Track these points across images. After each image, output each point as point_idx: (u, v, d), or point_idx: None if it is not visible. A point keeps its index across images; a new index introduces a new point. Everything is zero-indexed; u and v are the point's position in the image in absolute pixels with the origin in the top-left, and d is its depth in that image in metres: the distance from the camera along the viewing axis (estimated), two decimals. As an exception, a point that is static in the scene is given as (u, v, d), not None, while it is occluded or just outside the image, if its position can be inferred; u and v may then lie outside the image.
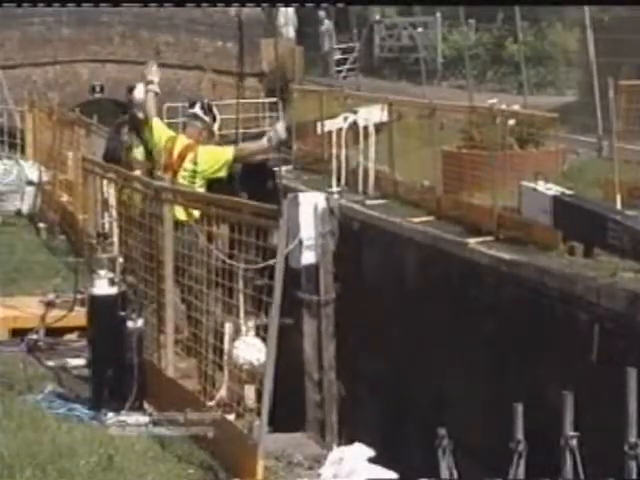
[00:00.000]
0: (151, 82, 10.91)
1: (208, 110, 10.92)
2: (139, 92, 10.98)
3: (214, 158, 10.36)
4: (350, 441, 9.02)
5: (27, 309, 10.97)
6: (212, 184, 10.36)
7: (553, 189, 12.68)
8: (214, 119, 10.91)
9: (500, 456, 7.06)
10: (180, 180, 10.15)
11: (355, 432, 10.31)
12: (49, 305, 10.99)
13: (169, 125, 11.82)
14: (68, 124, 18.95)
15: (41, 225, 16.40)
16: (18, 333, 10.74)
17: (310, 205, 8.34)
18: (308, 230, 8.20)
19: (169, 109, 18.55)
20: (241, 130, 19.32)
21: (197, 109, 10.86)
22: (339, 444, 8.45)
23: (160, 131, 10.64)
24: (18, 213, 17.24)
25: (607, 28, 19.43)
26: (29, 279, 12.21)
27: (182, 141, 10.40)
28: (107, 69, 28.90)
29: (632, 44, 19.42)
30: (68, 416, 8.54)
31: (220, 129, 12.65)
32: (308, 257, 8.14)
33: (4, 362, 10.07)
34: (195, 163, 10.20)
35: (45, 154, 19.22)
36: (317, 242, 8.21)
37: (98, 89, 27.42)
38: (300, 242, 8.21)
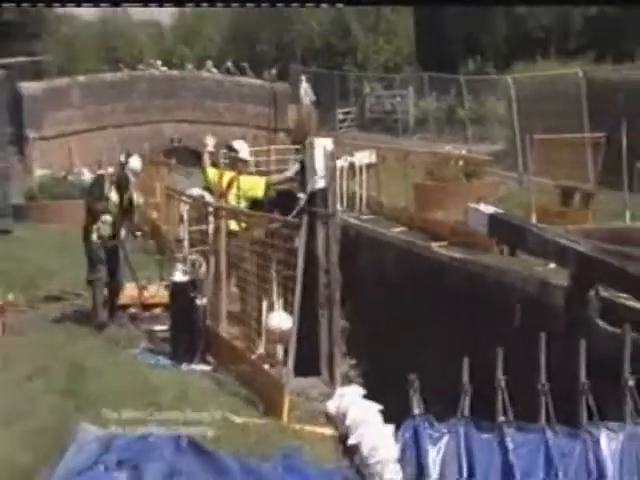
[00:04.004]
0: (206, 145, 10.87)
1: (231, 150, 10.87)
2: (135, 161, 10.65)
3: (251, 185, 10.30)
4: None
5: (128, 291, 10.94)
6: (254, 203, 10.30)
7: (490, 209, 12.60)
8: (237, 152, 10.83)
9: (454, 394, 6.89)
10: (230, 201, 10.12)
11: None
12: (143, 288, 10.99)
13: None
14: (156, 164, 18.98)
15: (138, 233, 16.35)
16: (123, 308, 10.76)
17: (321, 146, 8.28)
18: (320, 163, 8.14)
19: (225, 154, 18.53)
20: (274, 167, 19.40)
21: (245, 154, 10.81)
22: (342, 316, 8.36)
23: (212, 173, 10.53)
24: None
25: (526, 99, 19.37)
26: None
27: (228, 175, 10.34)
28: (182, 127, 28.95)
29: (542, 111, 19.43)
30: (156, 365, 8.55)
31: (258, 165, 12.66)
32: (320, 183, 8.06)
33: (115, 327, 10.15)
34: (238, 189, 10.14)
35: (142, 185, 19.21)
36: (326, 172, 8.14)
37: (177, 141, 27.49)
38: (315, 173, 8.15)
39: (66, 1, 9.89)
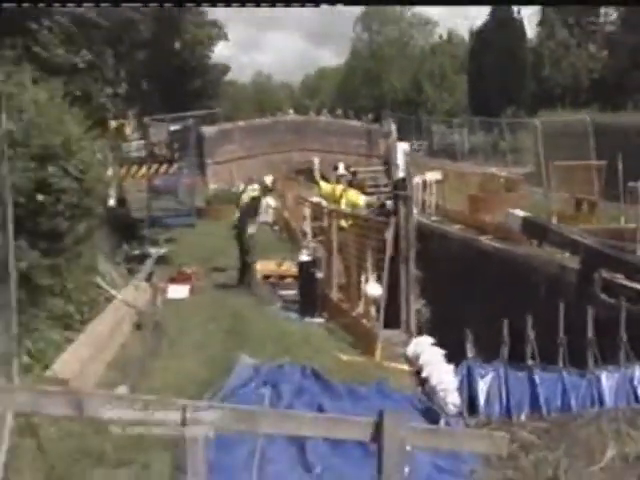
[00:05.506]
0: (314, 163, 10.85)
1: (346, 169, 10.81)
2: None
3: (354, 197, 10.17)
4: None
5: (270, 266, 11.07)
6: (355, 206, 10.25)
7: (522, 213, 12.24)
8: (346, 171, 10.79)
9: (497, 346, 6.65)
10: (342, 207, 10.06)
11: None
12: (279, 264, 11.11)
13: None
14: (290, 180, 19.14)
15: (275, 227, 16.54)
16: (266, 278, 10.90)
17: (401, 147, 8.13)
18: (400, 159, 7.97)
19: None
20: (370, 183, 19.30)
21: (342, 171, 10.72)
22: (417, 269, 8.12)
23: (324, 187, 10.42)
24: (265, 222, 17.39)
25: (549, 136, 18.67)
26: (270, 252, 12.33)
27: (339, 188, 10.26)
28: (307, 154, 28.93)
29: (561, 145, 18.75)
30: (288, 318, 8.62)
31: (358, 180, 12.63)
32: (401, 174, 7.92)
33: (261, 290, 10.24)
34: (347, 199, 10.08)
35: (278, 193, 19.37)
36: (404, 166, 7.97)
37: (303, 164, 27.57)
38: (397, 166, 8.01)
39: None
